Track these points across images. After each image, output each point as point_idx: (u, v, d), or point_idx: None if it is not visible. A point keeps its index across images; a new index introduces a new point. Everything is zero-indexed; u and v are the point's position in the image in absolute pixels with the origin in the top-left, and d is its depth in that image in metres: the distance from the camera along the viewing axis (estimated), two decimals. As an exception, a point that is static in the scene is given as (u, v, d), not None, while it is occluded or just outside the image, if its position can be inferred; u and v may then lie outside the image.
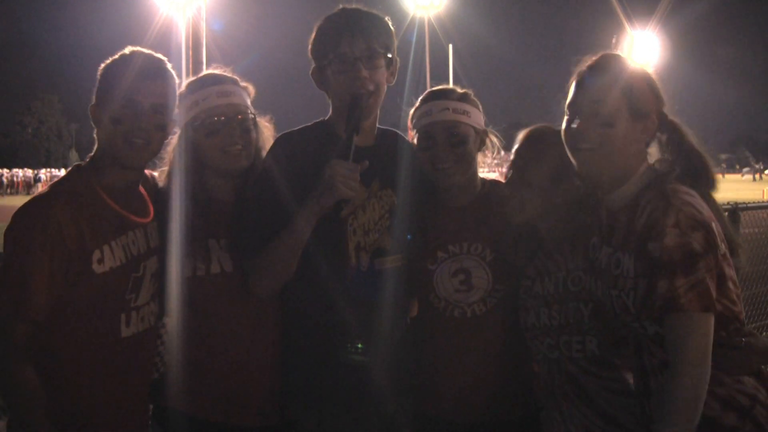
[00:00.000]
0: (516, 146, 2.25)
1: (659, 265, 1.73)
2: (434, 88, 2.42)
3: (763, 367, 1.86)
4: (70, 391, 2.03)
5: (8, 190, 47.08)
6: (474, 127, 2.35)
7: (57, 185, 2.12)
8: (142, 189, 2.27)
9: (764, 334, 5.54)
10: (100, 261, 2.04)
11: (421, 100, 2.41)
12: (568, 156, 1.99)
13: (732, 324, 1.81)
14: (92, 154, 2.18)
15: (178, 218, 2.24)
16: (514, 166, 2.23)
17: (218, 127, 2.26)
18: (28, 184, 48.07)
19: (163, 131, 2.18)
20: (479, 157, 2.41)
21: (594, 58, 1.98)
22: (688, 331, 1.71)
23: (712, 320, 1.72)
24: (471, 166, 2.36)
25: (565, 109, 2.00)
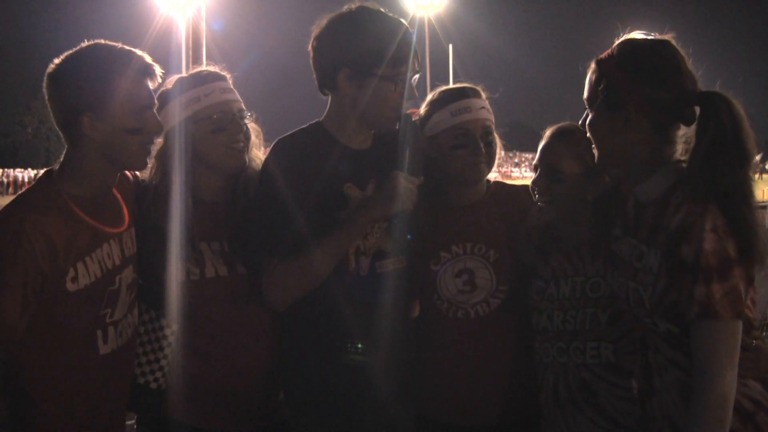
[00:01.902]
0: (544, 142, 2.23)
1: (696, 269, 1.69)
2: (462, 86, 2.40)
3: None
4: (45, 416, 1.92)
5: (9, 190, 47.04)
6: None
7: (26, 197, 1.96)
8: (116, 192, 2.13)
9: (764, 333, 5.54)
10: (74, 279, 1.92)
11: (452, 95, 2.36)
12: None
13: (744, 326, 1.78)
14: (63, 159, 2.03)
15: (171, 220, 2.18)
16: (544, 162, 2.20)
17: (225, 123, 2.23)
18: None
19: None
20: None
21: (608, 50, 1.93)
22: (721, 338, 1.69)
23: (740, 326, 1.71)
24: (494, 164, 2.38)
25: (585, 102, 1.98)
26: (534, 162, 2.27)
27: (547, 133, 2.24)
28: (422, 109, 2.41)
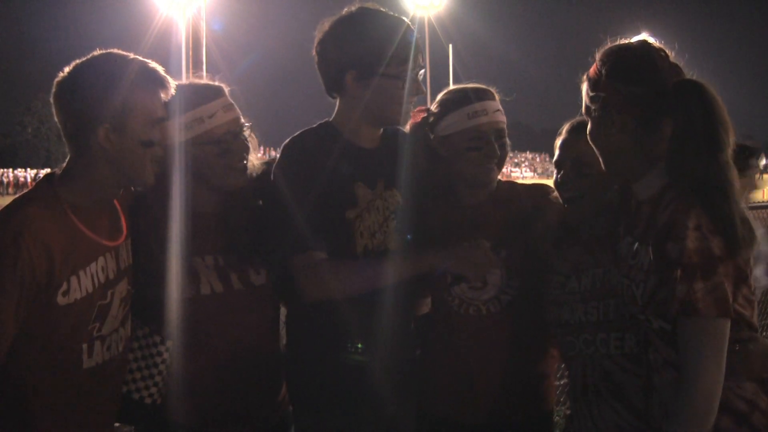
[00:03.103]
0: (564, 138, 2.24)
1: (678, 267, 1.70)
2: (478, 87, 2.39)
3: None
4: (30, 424, 1.87)
5: (9, 190, 47.12)
6: None
7: (26, 204, 1.87)
8: (116, 202, 2.06)
9: (764, 334, 5.53)
10: (66, 293, 1.85)
11: (468, 97, 2.35)
12: None
13: (733, 327, 1.77)
14: (66, 167, 1.95)
15: (165, 235, 2.11)
16: (567, 157, 2.21)
17: (230, 145, 2.17)
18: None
19: None
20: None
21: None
22: (704, 336, 1.70)
23: (728, 325, 1.71)
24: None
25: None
26: (554, 160, 2.27)
27: (565, 128, 2.25)
28: (434, 107, 2.41)
